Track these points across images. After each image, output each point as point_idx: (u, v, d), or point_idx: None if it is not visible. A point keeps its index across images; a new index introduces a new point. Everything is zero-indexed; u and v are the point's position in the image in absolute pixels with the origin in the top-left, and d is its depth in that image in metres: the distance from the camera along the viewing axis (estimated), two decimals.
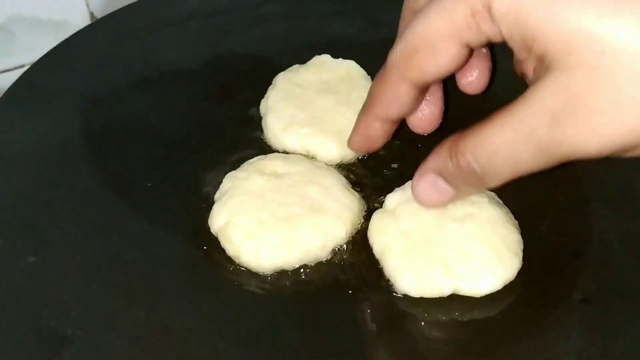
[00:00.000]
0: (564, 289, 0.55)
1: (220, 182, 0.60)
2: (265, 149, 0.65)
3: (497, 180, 0.47)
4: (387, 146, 0.65)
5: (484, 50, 0.58)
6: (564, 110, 0.41)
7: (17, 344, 0.51)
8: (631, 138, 0.42)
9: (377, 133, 0.56)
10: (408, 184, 0.59)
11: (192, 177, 0.62)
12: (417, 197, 0.54)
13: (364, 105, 0.55)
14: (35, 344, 0.51)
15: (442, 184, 0.51)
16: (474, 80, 0.59)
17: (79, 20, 0.88)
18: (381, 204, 0.60)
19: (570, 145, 0.42)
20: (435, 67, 0.48)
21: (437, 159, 0.50)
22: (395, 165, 0.64)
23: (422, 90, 0.53)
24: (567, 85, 0.42)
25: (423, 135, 0.65)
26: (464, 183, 0.50)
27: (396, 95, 0.51)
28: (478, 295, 0.54)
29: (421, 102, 0.56)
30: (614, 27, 0.41)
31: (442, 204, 0.54)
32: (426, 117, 0.60)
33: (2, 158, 0.63)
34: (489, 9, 0.44)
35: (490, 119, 0.46)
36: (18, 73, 0.71)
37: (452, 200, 0.54)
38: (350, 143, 0.59)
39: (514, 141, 0.44)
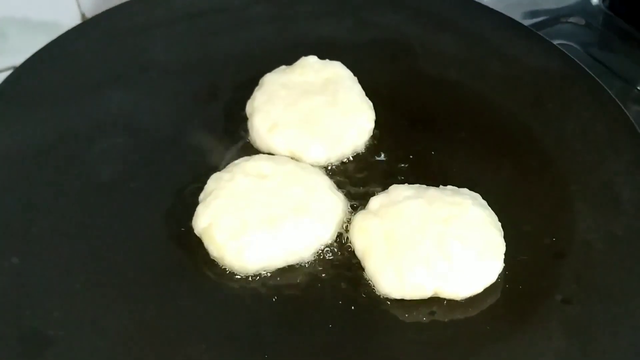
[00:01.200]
0: (545, 289, 0.55)
1: (205, 183, 0.60)
2: (251, 150, 0.65)
3: None
4: (373, 149, 0.65)
5: None
6: None
7: None
8: None
9: None
10: (392, 187, 0.60)
11: (176, 177, 0.62)
12: None
13: None
14: (18, 345, 0.51)
15: None
16: None
17: (71, 21, 0.88)
18: (365, 205, 0.60)
19: None
20: None
21: None
22: (381, 168, 0.64)
23: None
24: None
25: (411, 140, 0.65)
26: None
27: None
28: (459, 298, 0.55)
29: None
30: None
31: None
32: None
33: None
34: None
35: None
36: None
37: None
38: None
39: None
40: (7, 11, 0.86)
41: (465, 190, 0.60)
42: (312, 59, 0.69)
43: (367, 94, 0.68)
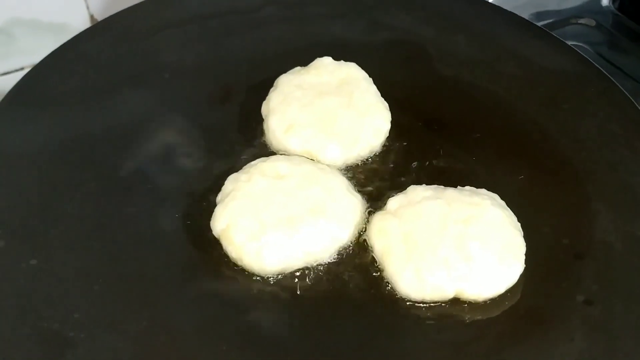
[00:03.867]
0: (566, 290, 0.55)
1: (222, 184, 0.60)
2: (267, 151, 0.65)
3: None
4: (389, 150, 0.65)
5: None
6: None
7: (19, 346, 0.51)
8: None
9: None
10: (410, 187, 0.60)
11: (193, 179, 0.62)
12: None
13: None
14: (38, 346, 0.51)
15: None
16: None
17: (79, 22, 0.88)
18: (383, 206, 0.59)
19: None
20: None
21: None
22: (398, 169, 0.64)
23: None
24: None
25: (427, 141, 0.65)
26: None
27: None
28: (480, 300, 0.54)
29: None
30: None
31: None
32: None
33: (4, 160, 0.63)
34: None
35: None
36: (18, 75, 0.71)
37: None
38: None
39: None
40: (15, 13, 0.86)
41: (484, 190, 0.60)
42: (327, 60, 0.69)
43: (381, 95, 0.67)
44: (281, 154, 0.64)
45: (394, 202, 0.59)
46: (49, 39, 0.77)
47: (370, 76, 0.68)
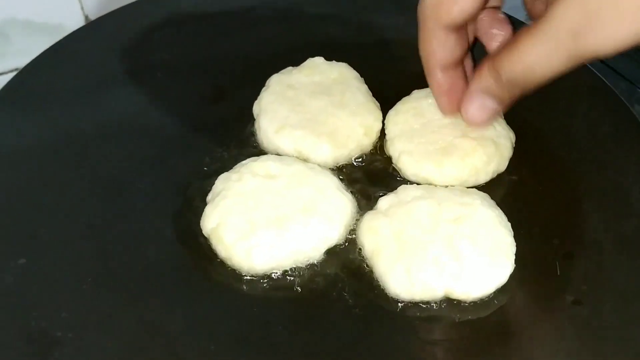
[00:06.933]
0: (555, 290, 0.55)
1: (213, 183, 0.60)
2: (258, 150, 0.65)
3: (535, 85, 0.54)
4: (380, 149, 0.65)
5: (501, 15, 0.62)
6: (582, 25, 0.48)
7: (7, 345, 0.51)
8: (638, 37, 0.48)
9: (453, 82, 0.60)
10: (401, 187, 0.60)
11: (183, 178, 0.62)
12: (470, 120, 0.59)
13: (425, 72, 0.61)
14: (26, 345, 0.51)
15: (489, 102, 0.57)
16: (499, 45, 0.61)
17: (74, 23, 0.87)
18: (374, 206, 0.59)
19: (592, 51, 0.49)
20: (460, 11, 0.55)
21: (480, 81, 0.56)
22: (388, 170, 0.64)
23: (458, 31, 0.58)
24: (581, 3, 0.48)
25: None
26: (508, 95, 0.55)
27: (440, 42, 0.57)
28: (470, 299, 0.54)
29: (465, 39, 0.60)
30: None
31: (492, 120, 0.61)
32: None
33: None
34: None
35: (520, 37, 0.52)
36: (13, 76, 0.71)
37: (499, 113, 0.59)
38: (442, 109, 0.63)
39: (545, 55, 0.51)
40: (10, 13, 0.86)
41: (474, 190, 0.60)
42: (319, 60, 0.69)
43: (373, 95, 0.67)
44: (272, 154, 0.64)
45: (385, 201, 0.59)
46: (43, 40, 0.77)
47: (362, 76, 0.68)
